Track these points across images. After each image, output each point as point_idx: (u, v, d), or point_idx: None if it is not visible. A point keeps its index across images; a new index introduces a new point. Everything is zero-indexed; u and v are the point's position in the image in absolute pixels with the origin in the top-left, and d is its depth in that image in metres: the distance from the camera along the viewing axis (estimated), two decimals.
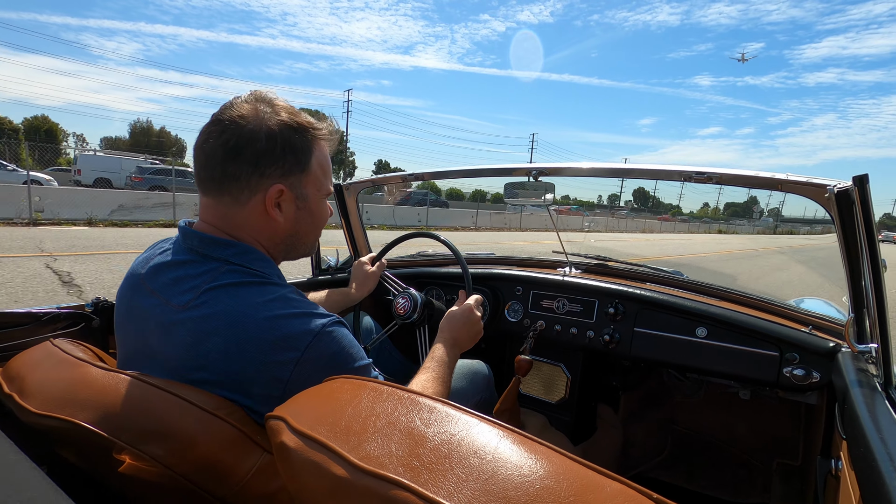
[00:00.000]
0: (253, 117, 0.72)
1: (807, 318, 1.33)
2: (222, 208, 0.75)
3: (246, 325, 0.67)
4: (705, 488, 1.80)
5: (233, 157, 0.71)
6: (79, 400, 0.64)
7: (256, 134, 0.71)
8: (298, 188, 0.77)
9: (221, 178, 0.72)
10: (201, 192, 0.76)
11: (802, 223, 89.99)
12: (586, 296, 1.59)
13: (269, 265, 0.77)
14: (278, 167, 0.74)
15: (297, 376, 0.67)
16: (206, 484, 0.59)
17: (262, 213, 0.75)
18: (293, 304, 0.71)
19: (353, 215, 1.96)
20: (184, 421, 0.60)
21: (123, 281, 0.80)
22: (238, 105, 0.72)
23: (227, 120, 0.71)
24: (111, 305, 1.14)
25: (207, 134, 0.72)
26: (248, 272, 0.73)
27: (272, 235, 0.79)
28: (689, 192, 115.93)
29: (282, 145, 0.73)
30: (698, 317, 1.37)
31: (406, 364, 1.67)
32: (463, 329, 1.11)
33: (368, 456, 0.43)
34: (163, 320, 0.71)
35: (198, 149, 0.74)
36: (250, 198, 0.74)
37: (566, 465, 0.40)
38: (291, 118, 0.74)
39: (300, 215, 0.80)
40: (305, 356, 0.68)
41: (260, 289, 0.72)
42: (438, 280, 1.93)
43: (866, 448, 0.65)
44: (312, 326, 0.69)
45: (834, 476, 0.90)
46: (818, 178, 1.00)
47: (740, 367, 1.29)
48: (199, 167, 0.74)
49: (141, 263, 0.79)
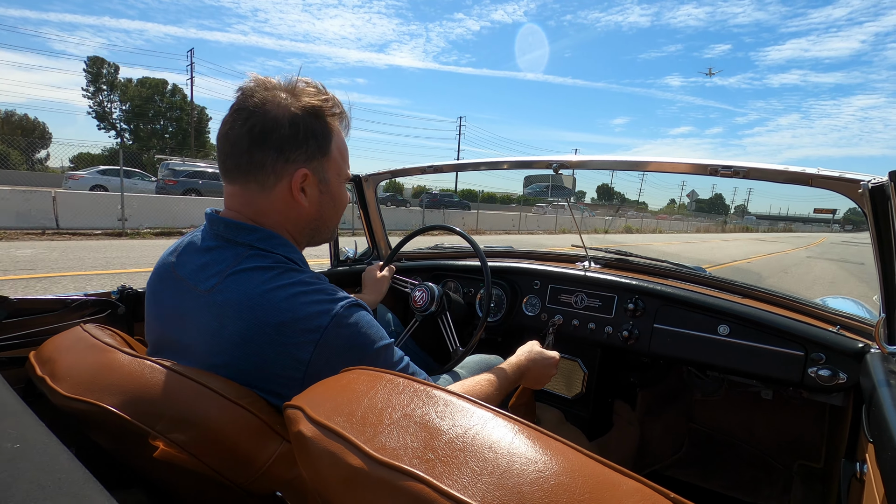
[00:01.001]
0: (274, 104, 0.72)
1: (834, 317, 1.29)
2: (248, 195, 0.76)
3: (266, 308, 0.68)
4: (723, 488, 1.77)
5: (259, 144, 0.72)
6: (106, 384, 0.65)
7: (280, 120, 0.72)
8: (321, 173, 0.79)
9: (248, 166, 0.73)
10: (227, 180, 0.77)
11: (774, 220, 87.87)
12: (605, 291, 1.57)
13: (292, 250, 0.78)
14: (302, 152, 0.75)
15: (317, 357, 0.68)
16: (227, 471, 0.61)
17: (288, 199, 0.77)
18: (314, 287, 0.72)
19: (371, 207, 1.97)
20: (207, 409, 0.61)
21: (153, 270, 0.82)
22: (259, 92, 0.73)
23: (251, 108, 0.72)
24: (137, 294, 1.17)
25: (232, 122, 0.73)
26: (271, 256, 0.75)
27: (297, 220, 0.80)
28: (649, 187, 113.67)
29: (304, 131, 0.74)
30: (720, 314, 1.34)
31: (424, 357, 1.68)
32: (540, 369, 1.12)
33: (384, 447, 0.43)
34: (190, 306, 0.73)
35: (222, 137, 0.75)
36: (276, 183, 0.75)
37: (582, 462, 0.40)
38: (311, 105, 0.75)
39: (323, 200, 0.81)
40: (325, 337, 0.68)
41: (282, 273, 0.73)
42: (456, 273, 1.93)
43: (894, 452, 0.63)
44: (332, 308, 0.70)
45: (858, 479, 0.88)
46: (851, 172, 0.97)
47: (763, 366, 1.27)
48: (225, 156, 0.75)
49: (171, 252, 0.81)
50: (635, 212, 36.89)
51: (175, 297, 0.76)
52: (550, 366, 1.13)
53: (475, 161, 1.82)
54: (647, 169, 1.39)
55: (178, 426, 0.61)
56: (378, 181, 1.97)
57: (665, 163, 1.33)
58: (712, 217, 60.98)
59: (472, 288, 1.86)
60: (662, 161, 1.33)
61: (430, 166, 1.81)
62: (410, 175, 1.97)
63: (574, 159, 1.48)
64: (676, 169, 1.32)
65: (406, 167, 1.92)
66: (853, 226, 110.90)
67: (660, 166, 1.34)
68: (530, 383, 1.13)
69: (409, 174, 1.95)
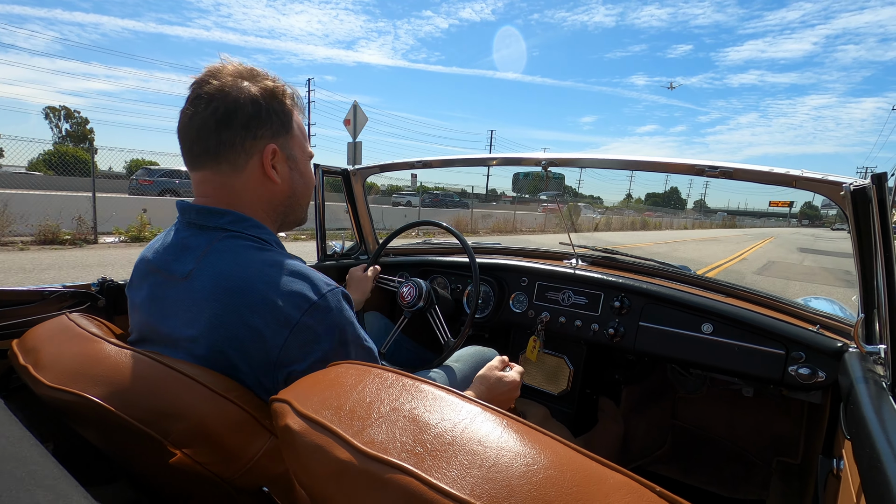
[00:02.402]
0: (232, 87, 0.73)
1: (814, 317, 1.32)
2: (220, 178, 0.76)
3: (243, 289, 0.67)
4: (704, 483, 1.80)
5: (226, 124, 0.72)
6: (92, 375, 0.64)
7: (242, 101, 0.73)
8: (288, 149, 0.80)
9: (217, 147, 0.73)
10: (195, 167, 0.76)
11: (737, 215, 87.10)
12: (592, 288, 1.58)
13: (266, 232, 0.78)
14: (268, 128, 0.76)
15: (292, 342, 0.67)
16: (214, 465, 0.60)
17: (261, 176, 0.77)
18: (292, 270, 0.71)
19: (359, 201, 1.96)
20: (193, 401, 0.60)
21: (133, 270, 0.82)
22: (214, 79, 0.74)
23: (210, 93, 0.72)
24: (117, 286, 1.15)
25: (193, 110, 0.73)
26: (245, 238, 0.74)
27: (271, 199, 0.80)
28: (603, 181, 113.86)
29: (266, 109, 0.75)
30: (704, 313, 1.36)
31: (419, 350, 1.68)
32: (500, 397, 1.08)
33: (373, 441, 0.43)
34: (169, 295, 0.72)
35: (185, 127, 0.74)
36: (248, 161, 0.75)
37: (569, 456, 0.40)
38: (267, 86, 0.76)
39: (294, 176, 0.82)
40: (302, 321, 0.67)
41: (258, 253, 0.72)
42: (443, 269, 1.93)
43: (871, 448, 0.64)
44: (312, 292, 0.69)
45: (835, 476, 0.90)
46: (833, 175, 0.99)
47: (745, 364, 1.29)
48: (191, 143, 0.74)
49: (149, 249, 0.81)
50: (586, 205, 35.78)
51: (153, 288, 0.75)
52: (511, 390, 1.09)
53: (464, 157, 1.82)
54: (637, 168, 1.40)
55: (164, 419, 0.60)
56: (367, 175, 1.95)
57: (654, 162, 1.34)
58: (668, 212, 55.74)
59: (460, 284, 1.87)
60: (652, 160, 1.35)
61: (419, 161, 1.80)
62: (399, 169, 1.96)
63: (563, 157, 1.49)
64: (666, 169, 1.33)
65: (394, 161, 1.91)
66: (809, 220, 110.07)
67: (649, 165, 1.35)
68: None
69: (397, 168, 1.94)
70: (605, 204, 69.70)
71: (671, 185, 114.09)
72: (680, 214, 57.73)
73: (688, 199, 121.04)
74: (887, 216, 0.83)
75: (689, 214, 54.69)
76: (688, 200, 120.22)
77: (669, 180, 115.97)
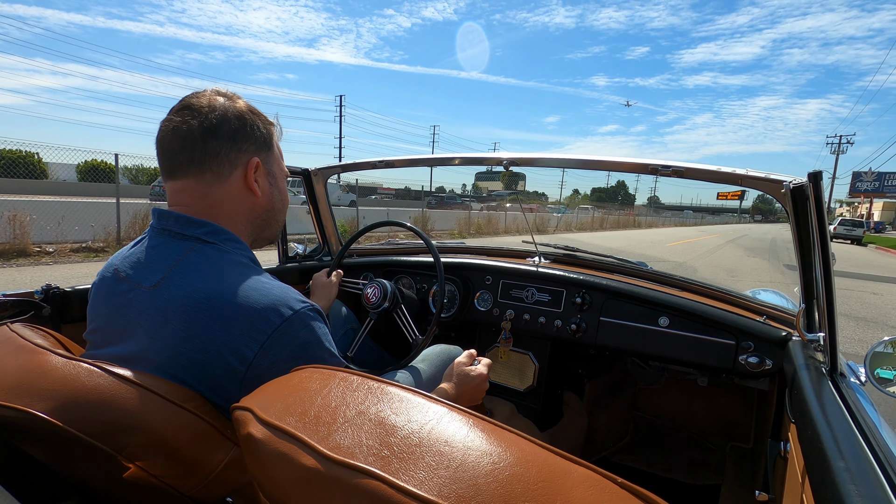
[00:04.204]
0: (219, 104, 0.76)
1: (761, 308, 1.39)
2: (202, 187, 0.75)
3: (213, 303, 0.66)
4: (664, 471, 1.87)
5: (212, 134, 0.74)
6: (36, 389, 0.60)
7: (228, 115, 0.76)
8: (269, 165, 0.82)
9: (203, 156, 0.74)
10: (176, 177, 0.75)
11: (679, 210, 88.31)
12: (554, 285, 1.62)
13: (241, 246, 0.78)
14: (252, 142, 0.78)
15: (261, 359, 0.65)
16: (173, 479, 0.58)
17: (243, 189, 0.79)
18: (265, 285, 0.70)
19: (321, 202, 1.93)
20: (150, 413, 0.58)
21: (98, 275, 0.79)
22: (201, 97, 0.76)
23: (198, 106, 0.74)
24: (64, 293, 1.09)
25: (179, 120, 0.73)
26: (219, 250, 0.73)
27: (250, 212, 0.81)
28: (546, 177, 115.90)
29: (250, 125, 0.78)
30: (661, 307, 1.42)
31: (381, 353, 1.67)
32: (470, 390, 1.08)
33: (338, 446, 0.42)
34: (134, 304, 0.70)
35: (169, 135, 0.74)
36: (231, 172, 0.77)
37: (534, 452, 0.41)
38: (250, 106, 0.81)
39: (273, 192, 0.84)
40: (273, 339, 0.66)
41: (231, 267, 0.71)
42: (408, 269, 1.93)
43: (813, 431, 0.68)
44: (284, 309, 0.68)
45: (783, 457, 0.96)
46: (776, 174, 1.05)
47: (700, 355, 1.35)
48: (173, 152, 0.74)
49: (117, 256, 0.79)
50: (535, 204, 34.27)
51: (117, 296, 0.72)
52: (480, 383, 1.09)
53: (426, 157, 1.82)
54: (596, 168, 1.44)
55: (117, 432, 0.57)
56: (328, 175, 1.93)
57: (612, 162, 1.38)
58: (611, 207, 48.78)
59: (426, 284, 1.87)
60: (610, 160, 1.39)
61: (381, 161, 1.79)
62: (361, 170, 1.94)
63: (524, 157, 1.51)
64: (621, 168, 1.38)
65: (356, 161, 1.89)
66: (762, 215, 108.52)
67: (608, 165, 1.39)
68: (465, 405, 1.11)
69: (359, 169, 1.92)
70: (550, 200, 70.02)
71: (618, 180, 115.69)
72: (633, 211, 55.55)
73: (636, 193, 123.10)
74: (823, 212, 0.88)
75: (640, 211, 54.86)
76: (636, 195, 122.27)
77: (613, 176, 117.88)
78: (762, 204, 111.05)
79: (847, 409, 0.75)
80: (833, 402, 0.77)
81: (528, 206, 32.22)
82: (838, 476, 0.54)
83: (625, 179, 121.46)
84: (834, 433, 0.65)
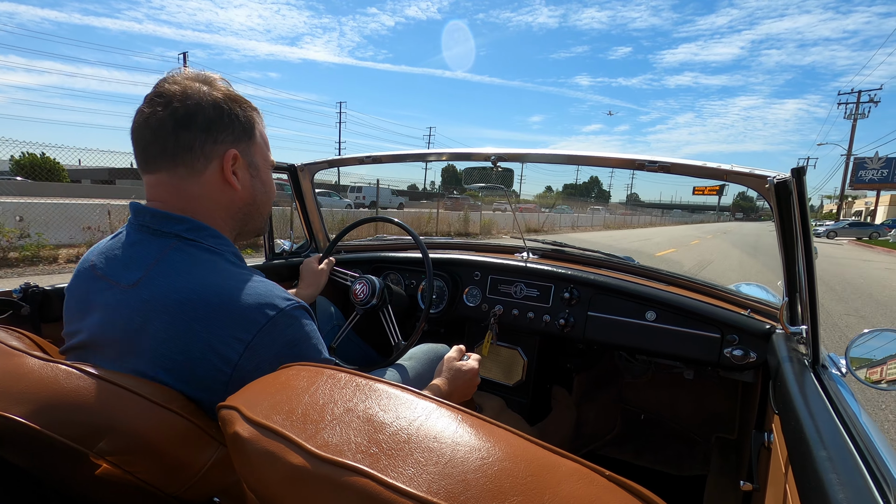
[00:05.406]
0: (194, 91, 0.71)
1: (745, 301, 1.41)
2: (177, 182, 0.72)
3: (195, 303, 0.64)
4: (651, 463, 1.90)
5: (185, 125, 0.69)
6: (14, 393, 0.59)
7: (203, 104, 0.71)
8: (249, 156, 0.78)
9: (175, 149, 0.70)
10: (150, 170, 0.72)
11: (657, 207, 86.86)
12: (543, 281, 1.62)
13: (223, 242, 0.75)
14: (229, 133, 0.74)
15: (246, 360, 0.64)
16: (158, 481, 0.57)
17: (220, 183, 0.75)
18: (250, 283, 0.68)
19: (308, 198, 1.91)
20: (132, 415, 0.56)
21: (74, 272, 0.76)
22: (175, 82, 0.71)
23: (170, 94, 0.69)
24: (43, 292, 1.07)
25: (151, 111, 0.69)
26: (201, 247, 0.71)
27: (230, 206, 0.77)
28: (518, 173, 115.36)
29: (228, 114, 0.73)
30: (648, 301, 1.43)
31: (367, 350, 1.66)
32: (462, 385, 1.08)
33: (326, 444, 0.42)
34: (112, 304, 0.67)
35: (141, 125, 0.70)
36: (207, 166, 0.73)
37: (523, 447, 0.41)
38: (230, 92, 0.75)
39: (255, 184, 0.80)
40: (258, 339, 0.64)
41: (214, 265, 0.69)
42: (397, 265, 1.92)
43: (796, 422, 0.70)
44: (269, 308, 0.66)
45: (766, 448, 0.97)
46: (760, 169, 1.06)
47: (686, 348, 1.36)
48: (146, 143, 0.71)
49: (93, 251, 0.75)
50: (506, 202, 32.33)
51: (94, 295, 0.70)
52: (471, 378, 1.10)
53: (414, 152, 1.81)
54: (583, 163, 1.45)
55: (99, 434, 0.55)
56: (315, 171, 1.91)
57: (599, 157, 1.39)
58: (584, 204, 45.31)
59: (414, 280, 1.86)
60: (597, 156, 1.39)
61: (368, 156, 1.78)
62: (348, 165, 1.93)
63: (512, 152, 1.51)
64: (608, 164, 1.38)
65: (343, 157, 1.88)
66: (744, 213, 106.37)
67: (594, 161, 1.40)
68: (458, 400, 1.12)
69: (346, 164, 1.90)
70: (524, 197, 69.92)
71: (591, 175, 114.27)
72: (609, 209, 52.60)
73: (610, 189, 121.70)
74: (806, 207, 0.90)
75: (614, 210, 52.90)
76: (610, 192, 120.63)
77: (583, 172, 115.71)
78: (743, 201, 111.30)
79: (829, 399, 0.76)
80: (815, 393, 0.78)
81: (522, 207, 31.97)
82: (820, 465, 0.55)
83: (598, 175, 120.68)
84: (816, 423, 0.66)
